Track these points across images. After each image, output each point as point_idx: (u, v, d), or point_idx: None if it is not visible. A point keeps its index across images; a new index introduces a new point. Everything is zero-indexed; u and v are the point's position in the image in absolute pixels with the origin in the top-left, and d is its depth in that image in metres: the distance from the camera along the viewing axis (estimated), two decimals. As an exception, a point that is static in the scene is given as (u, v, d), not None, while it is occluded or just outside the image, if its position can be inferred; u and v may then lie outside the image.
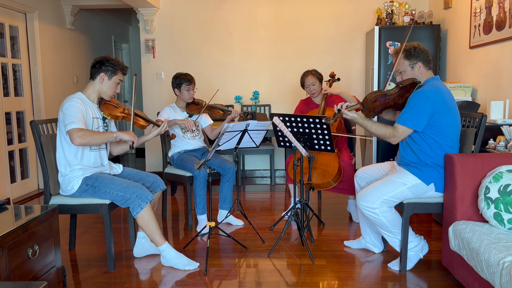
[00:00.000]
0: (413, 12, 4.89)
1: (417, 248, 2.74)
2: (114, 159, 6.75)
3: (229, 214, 3.59)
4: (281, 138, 3.15)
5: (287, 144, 3.13)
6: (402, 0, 5.19)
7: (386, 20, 4.91)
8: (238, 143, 3.10)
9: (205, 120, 3.86)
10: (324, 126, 2.90)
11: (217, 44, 5.65)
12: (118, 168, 2.97)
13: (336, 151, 3.46)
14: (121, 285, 2.60)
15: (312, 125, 2.93)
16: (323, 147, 3.03)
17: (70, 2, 5.54)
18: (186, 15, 5.61)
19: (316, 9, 5.52)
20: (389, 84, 4.84)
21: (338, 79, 3.81)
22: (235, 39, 5.63)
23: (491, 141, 3.11)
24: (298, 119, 2.95)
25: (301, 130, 3.00)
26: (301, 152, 2.95)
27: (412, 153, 2.63)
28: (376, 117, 3.57)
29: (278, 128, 3.01)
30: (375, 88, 4.88)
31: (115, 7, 6.02)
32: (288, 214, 3.59)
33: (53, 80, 5.32)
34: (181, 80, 3.63)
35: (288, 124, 3.01)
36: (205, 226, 3.25)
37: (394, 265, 2.76)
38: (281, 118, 2.95)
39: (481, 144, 2.99)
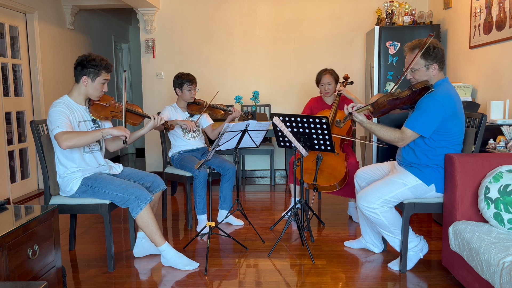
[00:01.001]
0: (413, 12, 4.89)
1: (417, 248, 2.74)
2: (114, 159, 6.74)
3: (229, 214, 3.58)
4: (281, 138, 3.15)
5: (287, 144, 3.13)
6: (402, 0, 5.19)
7: (386, 20, 4.91)
8: (238, 143, 3.10)
9: (205, 120, 3.86)
10: (324, 126, 2.89)
11: (217, 44, 5.65)
12: (117, 168, 2.96)
13: (344, 155, 3.45)
14: (121, 285, 2.60)
15: (312, 125, 2.93)
16: (323, 147, 3.03)
17: (70, 2, 5.54)
18: (186, 15, 5.61)
19: (316, 9, 5.52)
20: (389, 84, 4.84)
21: (351, 82, 3.79)
22: (235, 39, 5.63)
23: (491, 141, 3.11)
24: (298, 119, 2.95)
25: (301, 130, 3.00)
26: (301, 152, 2.95)
27: (414, 155, 2.62)
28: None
29: (278, 128, 3.01)
30: (375, 88, 4.88)
31: (115, 7, 6.02)
32: (288, 214, 3.59)
33: (53, 80, 5.32)
34: (183, 80, 3.63)
35: (288, 124, 3.01)
36: (205, 226, 3.25)
37: (394, 265, 2.76)
38: (281, 118, 2.95)
39: (481, 144, 2.99)
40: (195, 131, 3.74)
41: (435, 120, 2.46)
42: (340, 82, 3.78)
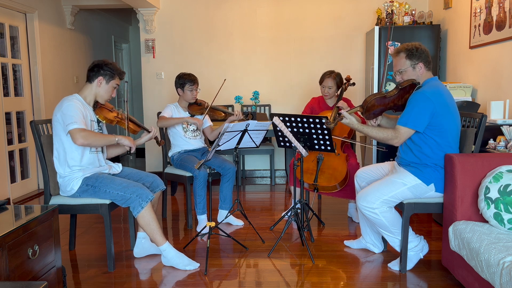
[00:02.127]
0: (413, 12, 4.89)
1: (417, 248, 2.74)
2: (114, 159, 6.76)
3: (229, 214, 3.59)
4: (281, 138, 3.15)
5: (287, 144, 3.13)
6: (402, 0, 5.19)
7: (386, 20, 4.91)
8: (238, 143, 3.10)
9: (206, 120, 3.85)
10: (324, 127, 2.89)
11: (217, 44, 5.65)
12: (117, 167, 2.97)
13: (345, 156, 3.45)
14: (121, 285, 2.60)
15: (312, 125, 2.93)
16: (323, 147, 3.03)
17: (70, 2, 5.54)
18: (186, 15, 5.61)
19: (316, 9, 5.52)
20: (389, 84, 4.84)
21: (353, 84, 3.77)
22: (235, 39, 5.63)
23: (491, 141, 3.11)
24: (298, 119, 2.95)
25: (301, 130, 3.00)
26: (301, 152, 2.95)
27: (412, 154, 2.63)
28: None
29: (278, 128, 3.01)
30: (375, 89, 4.88)
31: (115, 7, 6.02)
32: (288, 214, 3.59)
33: (53, 80, 5.32)
34: (185, 80, 3.63)
35: (288, 124, 3.01)
36: (205, 226, 3.25)
37: (394, 265, 2.76)
38: (281, 118, 2.95)
39: (481, 144, 2.99)
40: (195, 130, 3.73)
41: (425, 113, 2.49)
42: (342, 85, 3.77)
